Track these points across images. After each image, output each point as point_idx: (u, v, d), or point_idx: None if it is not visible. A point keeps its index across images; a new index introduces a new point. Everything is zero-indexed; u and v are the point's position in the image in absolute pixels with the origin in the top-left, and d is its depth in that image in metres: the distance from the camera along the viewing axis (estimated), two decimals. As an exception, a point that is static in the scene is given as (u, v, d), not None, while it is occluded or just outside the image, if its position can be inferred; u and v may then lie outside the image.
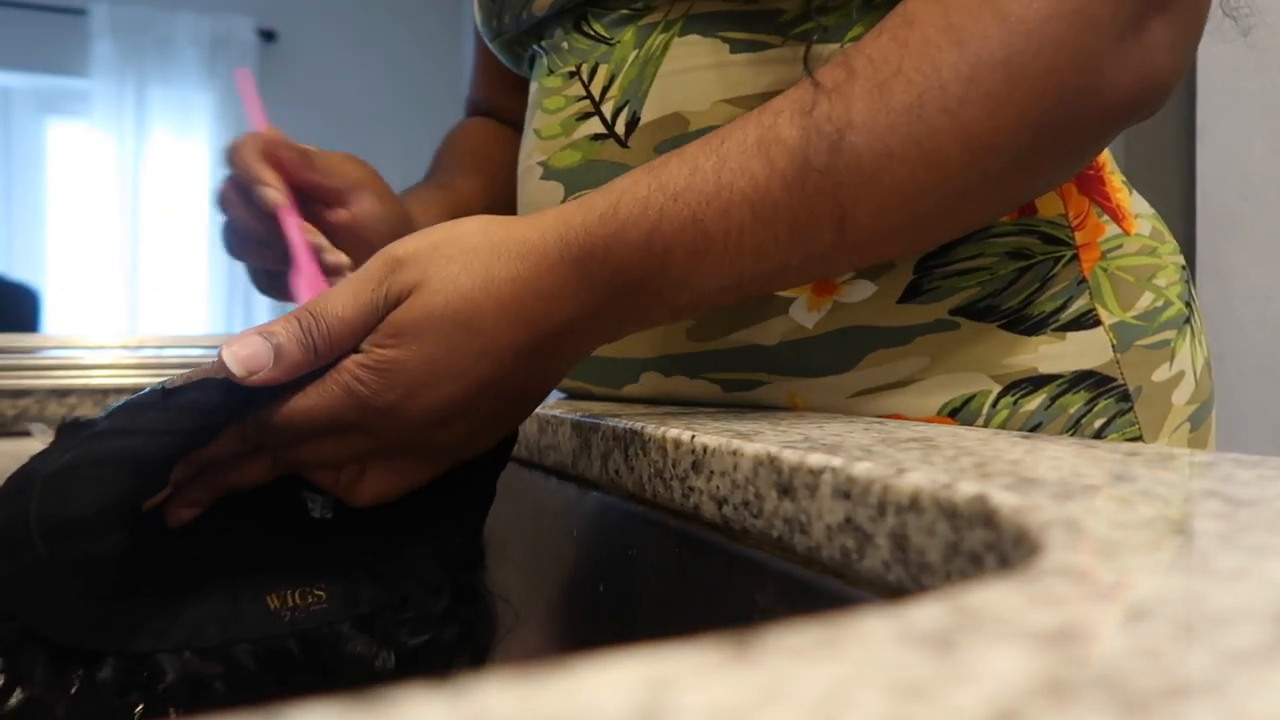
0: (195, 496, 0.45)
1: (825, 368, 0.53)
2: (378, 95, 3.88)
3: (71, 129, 3.81)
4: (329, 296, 0.41)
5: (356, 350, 0.41)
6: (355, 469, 0.44)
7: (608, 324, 0.44)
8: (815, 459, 0.33)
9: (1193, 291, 0.60)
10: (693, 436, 0.41)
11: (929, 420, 0.52)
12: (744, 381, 0.55)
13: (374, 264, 0.42)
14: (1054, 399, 0.52)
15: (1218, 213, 1.51)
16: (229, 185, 0.59)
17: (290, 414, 0.41)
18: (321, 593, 0.46)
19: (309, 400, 0.41)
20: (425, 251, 0.42)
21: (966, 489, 0.27)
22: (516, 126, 0.81)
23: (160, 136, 3.73)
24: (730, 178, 0.42)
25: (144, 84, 3.69)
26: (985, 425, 0.52)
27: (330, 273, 0.57)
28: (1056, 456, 0.33)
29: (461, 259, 0.41)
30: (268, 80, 3.81)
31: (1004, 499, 0.25)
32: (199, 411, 0.41)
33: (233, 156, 0.59)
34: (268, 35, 3.83)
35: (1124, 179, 0.59)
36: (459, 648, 0.49)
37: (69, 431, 0.41)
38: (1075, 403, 0.53)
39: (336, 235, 0.62)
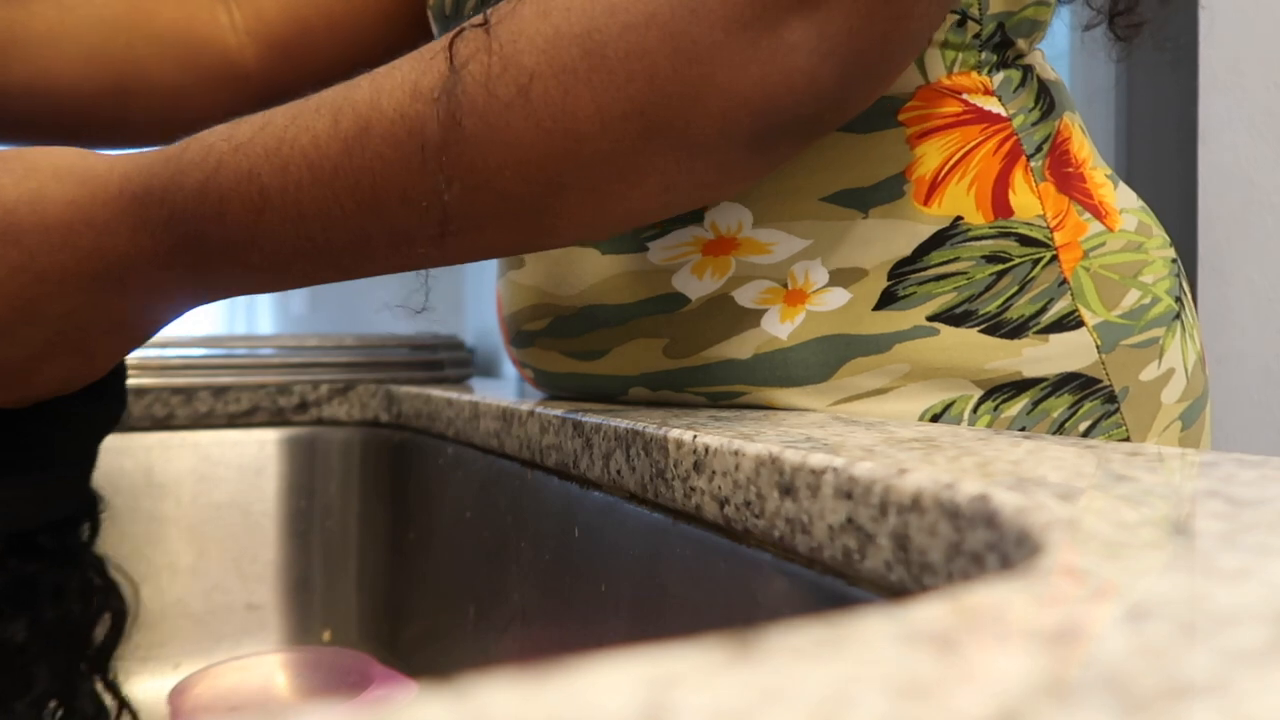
0: None
1: (803, 378, 0.52)
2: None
3: (73, 129, 3.81)
4: None
5: None
6: None
7: (181, 279, 0.43)
8: (817, 459, 0.33)
9: (1184, 286, 0.59)
10: (694, 436, 0.41)
11: None
12: (726, 394, 0.55)
13: None
14: (1036, 403, 0.52)
15: (1219, 213, 1.51)
16: None
17: None
18: None
19: None
20: (1, 158, 0.42)
21: (968, 489, 0.27)
22: None
23: (162, 136, 3.73)
24: (293, 134, 0.41)
25: (146, 84, 3.69)
26: None
27: None
28: (1058, 457, 0.33)
29: (19, 173, 0.42)
30: (269, 80, 3.80)
31: (1006, 499, 0.25)
32: None
33: None
34: (269, 35, 3.82)
35: (1109, 173, 0.58)
36: (6, 602, 0.49)
37: None
38: (1059, 406, 0.52)
39: None
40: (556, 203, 0.41)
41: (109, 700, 0.55)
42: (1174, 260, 0.58)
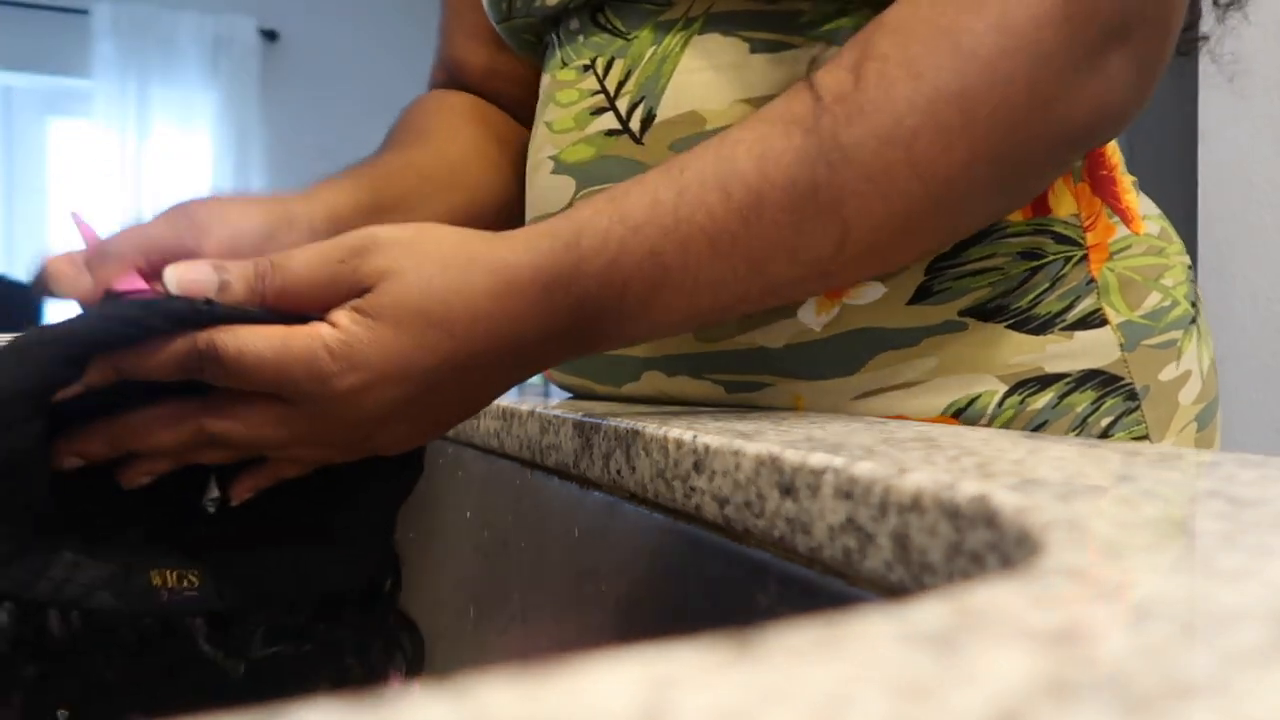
0: (91, 447, 0.43)
1: (831, 370, 0.53)
2: (381, 95, 3.87)
3: (74, 128, 3.82)
4: (293, 253, 0.41)
5: (323, 321, 0.40)
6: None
7: (562, 348, 0.45)
8: (817, 459, 0.33)
9: (1198, 292, 0.60)
10: (695, 436, 0.41)
11: (933, 421, 0.52)
12: (748, 383, 0.55)
13: (348, 237, 0.41)
14: (1061, 397, 0.52)
15: (1219, 214, 1.51)
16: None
17: (244, 347, 0.39)
18: (195, 578, 0.45)
19: (269, 345, 0.39)
20: (403, 243, 0.41)
21: (969, 489, 0.27)
22: (484, 86, 0.76)
23: (162, 136, 3.74)
24: (688, 211, 0.43)
25: (146, 84, 3.70)
26: (989, 424, 0.52)
27: None
28: (1059, 457, 0.33)
29: (439, 260, 0.41)
30: (270, 80, 3.81)
31: (1006, 499, 0.25)
32: (141, 305, 0.39)
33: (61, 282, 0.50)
34: (270, 35, 3.83)
35: (1134, 180, 0.59)
36: (315, 666, 0.49)
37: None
38: (1082, 401, 0.53)
39: None
40: (910, 244, 0.46)
41: None
42: (1190, 267, 0.60)
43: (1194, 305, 0.58)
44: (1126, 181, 0.58)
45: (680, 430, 0.42)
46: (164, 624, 0.45)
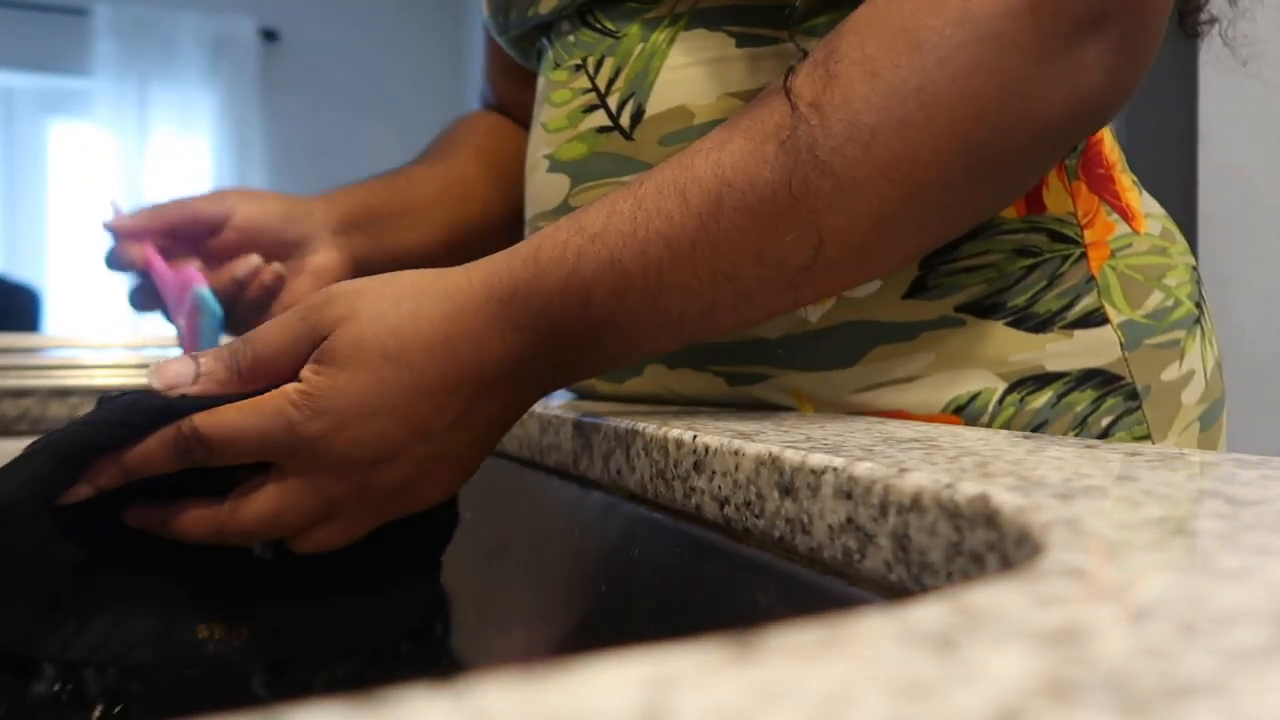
0: (150, 521, 0.45)
1: (828, 363, 0.53)
2: (381, 94, 3.88)
3: (73, 129, 3.82)
4: (262, 326, 0.44)
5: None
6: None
7: (542, 370, 0.45)
8: (817, 459, 0.33)
9: (1203, 293, 0.60)
10: (695, 436, 0.41)
11: (935, 418, 0.52)
12: (748, 375, 0.55)
13: (310, 299, 0.43)
14: (1060, 397, 0.52)
15: (1219, 215, 1.51)
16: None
17: (220, 422, 0.42)
18: (245, 630, 0.46)
19: (241, 412, 0.42)
20: (357, 288, 0.43)
21: (969, 489, 0.27)
22: (522, 120, 0.81)
23: (162, 136, 3.74)
24: (645, 218, 0.43)
25: (146, 84, 3.70)
26: (990, 423, 0.52)
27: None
28: (1059, 457, 0.33)
29: (391, 296, 0.43)
30: (270, 80, 3.81)
31: (1006, 499, 0.25)
32: (125, 407, 0.42)
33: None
34: (270, 35, 3.83)
35: (1134, 179, 0.59)
36: None
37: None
38: (1082, 400, 0.53)
39: (234, 253, 0.67)
40: (891, 243, 0.45)
41: None
42: (1194, 267, 0.60)
43: (1198, 306, 0.58)
44: (1126, 180, 0.57)
45: (680, 430, 0.42)
46: (217, 674, 0.46)
